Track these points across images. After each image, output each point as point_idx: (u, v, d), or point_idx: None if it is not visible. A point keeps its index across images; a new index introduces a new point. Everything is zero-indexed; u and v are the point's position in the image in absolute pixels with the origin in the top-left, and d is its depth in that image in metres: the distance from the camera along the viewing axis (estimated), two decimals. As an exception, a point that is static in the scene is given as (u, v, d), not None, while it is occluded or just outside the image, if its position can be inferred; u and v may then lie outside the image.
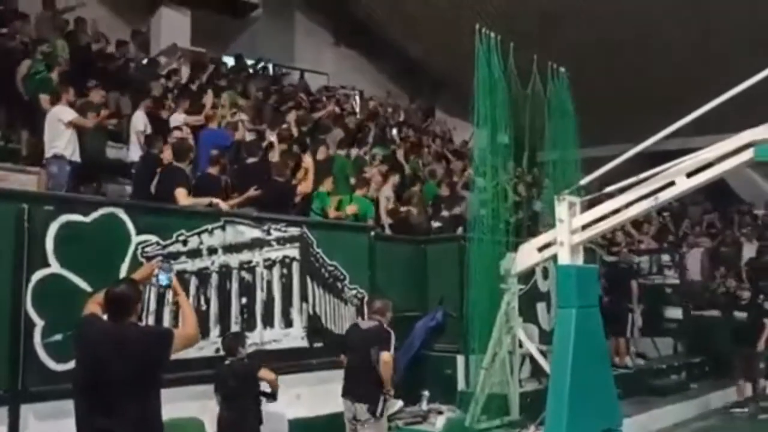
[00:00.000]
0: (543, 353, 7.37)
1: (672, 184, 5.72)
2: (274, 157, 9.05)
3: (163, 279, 4.04)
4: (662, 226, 15.05)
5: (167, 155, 7.68)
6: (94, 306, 3.83)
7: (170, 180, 7.18)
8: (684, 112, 5.40)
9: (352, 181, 9.74)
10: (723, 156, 5.48)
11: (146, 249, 6.10)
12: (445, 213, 10.25)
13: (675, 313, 10.61)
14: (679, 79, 14.39)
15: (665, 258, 12.49)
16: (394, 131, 15.02)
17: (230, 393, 5.69)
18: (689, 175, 5.64)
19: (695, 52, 14.72)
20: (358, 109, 15.81)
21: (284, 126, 10.68)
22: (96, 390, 3.52)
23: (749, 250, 14.70)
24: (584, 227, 6.13)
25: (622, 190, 6.03)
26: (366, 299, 7.71)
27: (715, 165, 5.54)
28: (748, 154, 5.31)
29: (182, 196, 6.94)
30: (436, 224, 10.15)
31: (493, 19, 13.65)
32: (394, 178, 10.65)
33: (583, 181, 6.52)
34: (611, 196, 6.15)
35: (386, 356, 5.90)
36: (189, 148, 7.92)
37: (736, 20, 13.92)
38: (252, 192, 7.66)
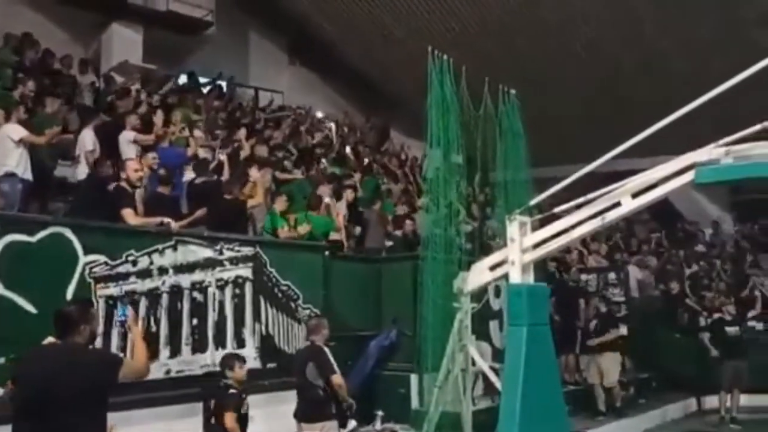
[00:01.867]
0: (495, 371, 7.43)
1: (618, 204, 5.89)
2: (224, 175, 8.97)
3: (121, 313, 4.19)
4: (612, 244, 15.39)
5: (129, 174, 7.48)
6: None
7: (116, 201, 7.05)
8: (635, 134, 5.57)
9: (305, 201, 9.70)
10: (666, 177, 5.67)
11: (94, 269, 6.00)
12: (397, 232, 10.31)
13: (622, 330, 10.84)
14: (629, 102, 14.81)
15: (611, 276, 12.78)
16: (348, 150, 15.07)
17: (211, 415, 5.62)
18: (634, 195, 5.81)
19: (644, 76, 15.18)
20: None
21: (236, 144, 10.62)
22: (39, 413, 3.42)
23: (691, 269, 15.20)
24: (535, 246, 6.25)
25: (571, 210, 6.18)
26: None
27: (659, 186, 5.72)
28: (689, 176, 5.49)
29: (130, 217, 6.81)
30: (388, 243, 10.20)
31: (446, 40, 13.91)
32: (348, 194, 10.67)
33: (533, 201, 6.65)
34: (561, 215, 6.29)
35: (336, 379, 5.91)
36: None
37: (682, 46, 14.44)
38: (199, 212, 7.55)
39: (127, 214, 6.81)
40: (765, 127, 5.15)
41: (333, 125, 16.10)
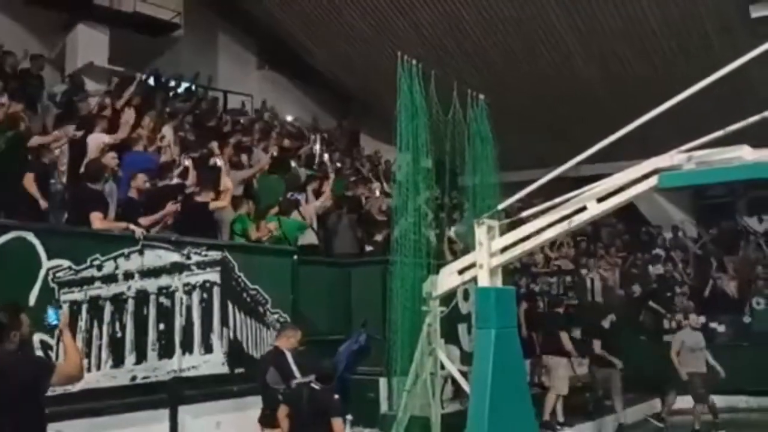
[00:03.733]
0: (464, 374, 7.47)
1: (584, 208, 5.97)
2: (189, 179, 8.86)
3: (51, 317, 4.05)
4: (578, 247, 15.59)
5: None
6: None
7: (85, 203, 6.93)
8: (600, 140, 5.66)
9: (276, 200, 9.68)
10: (631, 182, 5.77)
11: (58, 274, 5.89)
12: (378, 237, 10.31)
13: (576, 333, 10.97)
14: (595, 108, 15.04)
15: (569, 279, 12.98)
16: (326, 156, 15.00)
17: (313, 419, 5.51)
18: (600, 200, 5.90)
19: (609, 83, 15.44)
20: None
21: (205, 151, 10.50)
22: None
23: (655, 271, 15.48)
24: (503, 250, 6.31)
25: (538, 214, 6.25)
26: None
27: (623, 190, 5.82)
28: (653, 181, 5.61)
29: (97, 221, 6.70)
30: (368, 248, 10.20)
31: (416, 46, 13.98)
32: (323, 197, 10.69)
33: (501, 205, 6.70)
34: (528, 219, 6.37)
35: None
36: (102, 168, 7.66)
37: (645, 53, 14.70)
38: (170, 207, 7.44)
39: (95, 217, 6.70)
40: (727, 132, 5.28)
41: (318, 138, 15.81)
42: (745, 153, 5.22)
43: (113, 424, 5.84)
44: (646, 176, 5.64)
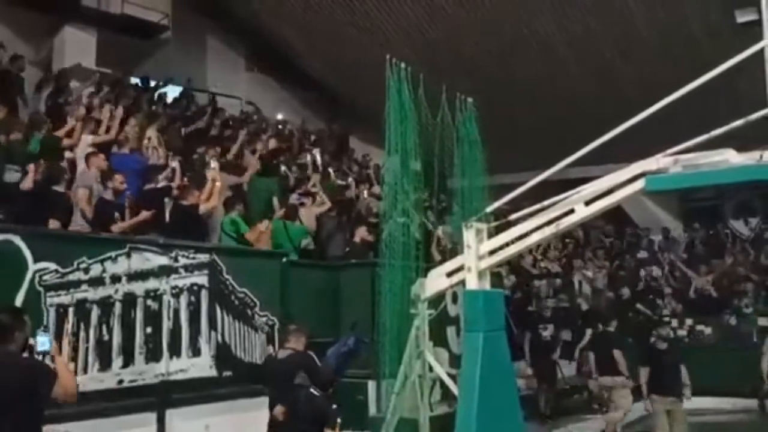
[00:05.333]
0: (453, 377, 7.47)
1: (572, 211, 5.99)
2: (176, 181, 8.83)
3: (44, 342, 3.79)
4: (568, 250, 15.67)
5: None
6: None
7: (45, 205, 6.89)
8: (588, 143, 5.68)
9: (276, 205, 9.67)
10: (618, 185, 5.80)
11: (44, 277, 5.86)
12: (357, 239, 10.32)
13: (566, 335, 10.99)
14: (582, 110, 15.11)
15: (559, 282, 13.02)
16: (316, 158, 14.97)
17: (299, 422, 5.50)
18: (588, 203, 5.93)
19: (597, 86, 15.53)
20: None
21: (195, 156, 10.47)
22: None
23: (643, 274, 15.58)
24: (491, 253, 6.32)
25: (526, 217, 6.27)
26: (277, 327, 7.67)
27: (611, 193, 5.85)
28: (640, 184, 5.64)
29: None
30: (348, 249, 10.20)
31: (405, 49, 13.99)
32: (319, 202, 10.70)
33: (489, 208, 6.72)
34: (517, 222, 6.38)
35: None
36: (62, 170, 7.58)
37: (632, 57, 14.81)
38: (143, 215, 7.37)
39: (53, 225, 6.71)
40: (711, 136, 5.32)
41: (317, 151, 15.67)
42: (731, 156, 5.26)
43: (100, 427, 5.80)
44: (632, 179, 5.67)
